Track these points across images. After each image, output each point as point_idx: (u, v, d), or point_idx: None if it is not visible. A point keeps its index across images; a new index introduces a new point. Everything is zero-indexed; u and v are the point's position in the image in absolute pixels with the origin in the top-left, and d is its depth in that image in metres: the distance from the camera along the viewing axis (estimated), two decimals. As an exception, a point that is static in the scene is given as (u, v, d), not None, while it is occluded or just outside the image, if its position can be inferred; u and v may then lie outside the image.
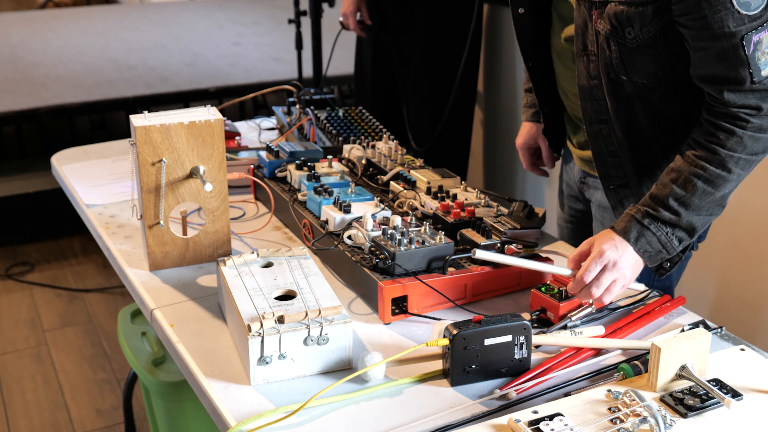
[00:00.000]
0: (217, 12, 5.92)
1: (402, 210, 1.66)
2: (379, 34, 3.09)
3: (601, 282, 1.36)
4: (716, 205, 1.42)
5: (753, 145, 1.38)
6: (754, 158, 1.40)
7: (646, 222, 1.40)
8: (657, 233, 1.40)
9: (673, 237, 1.41)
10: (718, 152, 1.38)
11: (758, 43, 1.34)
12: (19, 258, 3.91)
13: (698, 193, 1.40)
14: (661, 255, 1.42)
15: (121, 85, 4.26)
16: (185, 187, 1.55)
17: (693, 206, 1.40)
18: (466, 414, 1.17)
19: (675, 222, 1.41)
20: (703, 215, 1.42)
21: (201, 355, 1.32)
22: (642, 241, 1.40)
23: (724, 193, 1.41)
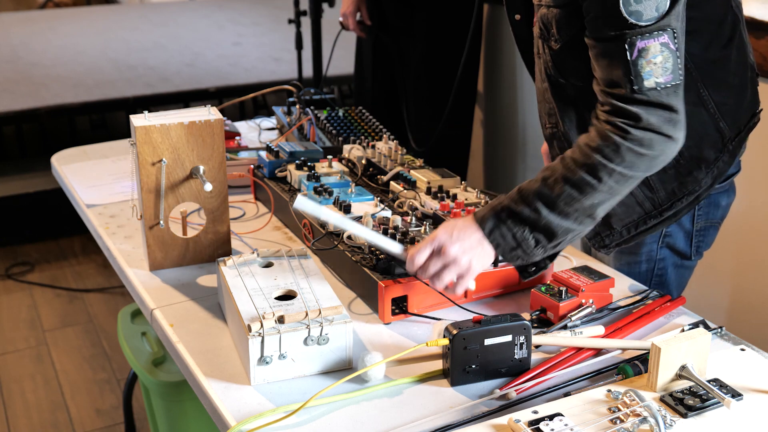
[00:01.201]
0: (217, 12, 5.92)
1: (402, 210, 1.66)
2: (379, 34, 3.09)
3: (428, 268, 1.34)
4: (584, 215, 1.34)
5: (632, 159, 1.30)
6: (631, 174, 1.32)
7: (503, 216, 1.35)
8: (513, 229, 1.34)
9: (529, 236, 1.34)
10: (592, 158, 1.31)
11: (643, 50, 1.29)
12: (19, 258, 3.91)
13: (564, 197, 1.32)
14: (515, 252, 1.36)
15: (121, 85, 4.26)
16: (185, 187, 1.55)
17: (557, 209, 1.33)
18: (466, 414, 1.17)
19: (534, 221, 1.34)
20: (569, 222, 1.34)
21: (201, 355, 1.32)
22: (496, 234, 1.35)
23: (592, 203, 1.33)
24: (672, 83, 1.30)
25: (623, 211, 1.55)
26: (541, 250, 1.36)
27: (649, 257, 1.64)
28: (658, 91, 1.29)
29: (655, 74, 1.29)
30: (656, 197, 1.54)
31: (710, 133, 1.48)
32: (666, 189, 1.53)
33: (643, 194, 1.53)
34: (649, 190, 1.53)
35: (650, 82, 1.29)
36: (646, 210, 1.55)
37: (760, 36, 2.26)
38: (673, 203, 1.54)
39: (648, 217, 1.55)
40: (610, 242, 1.60)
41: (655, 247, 1.63)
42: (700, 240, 1.64)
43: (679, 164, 1.50)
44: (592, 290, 1.40)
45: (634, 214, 1.56)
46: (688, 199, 1.53)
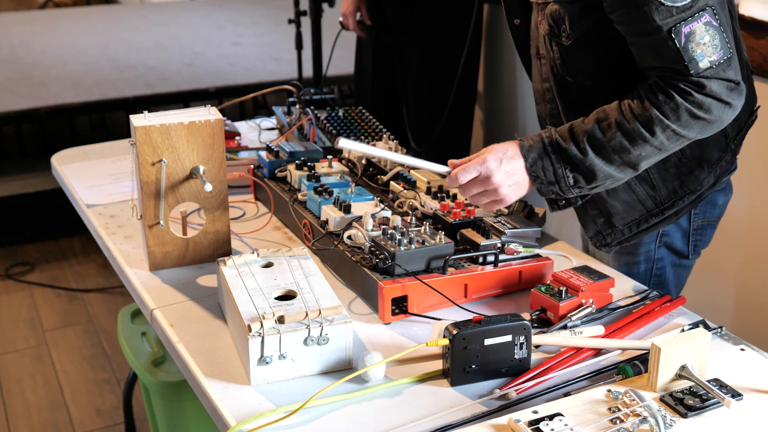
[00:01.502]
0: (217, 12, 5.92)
1: (402, 210, 1.66)
2: (379, 34, 3.09)
3: (470, 189, 1.40)
4: (628, 164, 1.38)
5: (687, 120, 1.34)
6: (684, 134, 1.36)
7: (549, 149, 1.38)
8: (555, 165, 1.38)
9: (569, 175, 1.39)
10: (650, 111, 1.35)
11: (690, 34, 1.31)
12: (19, 258, 3.91)
13: (614, 143, 1.36)
14: (552, 188, 1.40)
15: (121, 85, 4.26)
16: (185, 187, 1.55)
17: (604, 154, 1.37)
18: (466, 414, 1.17)
19: (578, 161, 1.37)
20: (612, 168, 1.38)
21: (201, 355, 1.32)
22: (537, 166, 1.39)
23: (640, 153, 1.36)
24: (724, 58, 1.33)
25: (625, 209, 1.56)
26: (577, 190, 1.40)
27: (647, 257, 1.65)
28: (714, 69, 1.33)
29: (707, 54, 1.32)
30: (658, 195, 1.54)
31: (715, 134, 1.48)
32: (668, 187, 1.54)
33: (645, 192, 1.54)
34: (651, 188, 1.54)
35: (704, 63, 1.32)
36: (648, 208, 1.56)
37: (760, 36, 2.26)
38: (675, 202, 1.55)
39: (650, 215, 1.56)
40: (612, 240, 1.61)
41: (653, 246, 1.64)
42: (698, 239, 1.65)
43: (681, 163, 1.51)
44: (592, 290, 1.40)
45: (635, 213, 1.57)
46: (689, 198, 1.55)
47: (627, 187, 1.55)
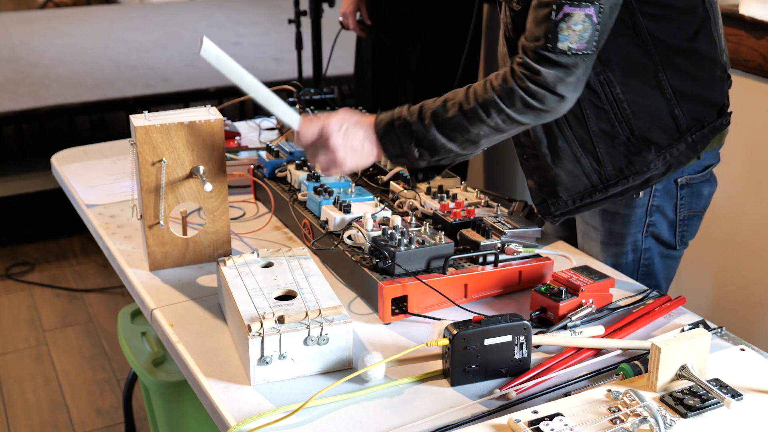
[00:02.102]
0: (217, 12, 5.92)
1: (402, 210, 1.66)
2: (379, 34, 3.09)
3: (309, 146, 1.48)
4: (469, 142, 1.44)
5: (522, 107, 1.39)
6: (518, 119, 1.41)
7: (396, 124, 1.46)
8: (401, 138, 1.46)
9: (414, 149, 1.46)
10: (489, 94, 1.41)
11: (567, 15, 1.36)
12: (19, 258, 3.91)
13: (454, 121, 1.43)
14: (401, 160, 1.48)
15: (121, 85, 4.26)
16: (185, 187, 1.55)
17: (446, 130, 1.43)
18: (466, 414, 1.17)
19: (422, 135, 1.44)
20: (453, 144, 1.44)
21: (201, 355, 1.32)
22: (386, 139, 1.47)
23: (478, 133, 1.43)
24: (583, 52, 1.38)
25: (570, 180, 1.61)
26: (424, 162, 1.48)
27: (634, 247, 1.66)
28: (567, 55, 1.37)
29: (570, 39, 1.37)
30: (604, 171, 1.58)
31: (663, 118, 1.53)
32: (614, 165, 1.57)
33: (590, 166, 1.58)
34: (597, 162, 1.57)
35: (563, 45, 1.37)
36: (592, 182, 1.60)
37: (760, 36, 2.26)
38: (620, 180, 1.58)
39: (594, 190, 1.60)
40: (556, 210, 1.65)
41: (640, 236, 1.65)
42: (684, 229, 1.67)
43: (630, 142, 1.54)
44: (592, 290, 1.40)
45: (580, 186, 1.61)
46: (636, 180, 1.57)
47: (573, 158, 1.59)
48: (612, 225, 1.66)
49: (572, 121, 1.56)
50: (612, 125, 1.54)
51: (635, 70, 1.50)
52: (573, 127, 1.56)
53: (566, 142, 1.58)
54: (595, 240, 1.69)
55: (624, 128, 1.54)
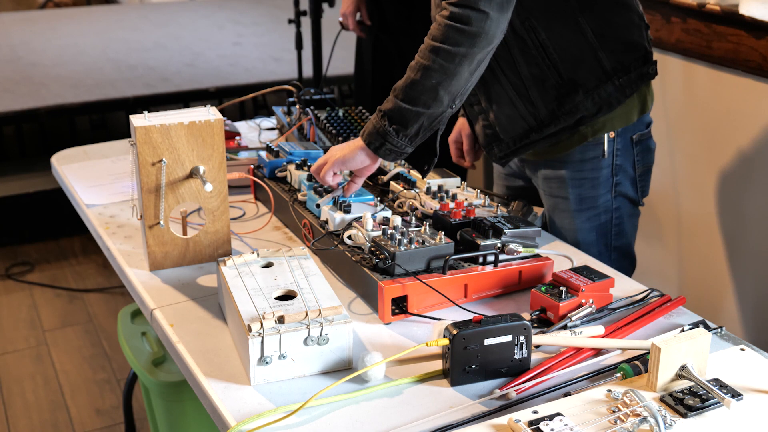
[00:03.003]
0: (217, 12, 5.92)
1: (402, 210, 1.66)
2: (379, 34, 3.09)
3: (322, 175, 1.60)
4: (429, 97, 1.49)
5: (454, 36, 1.45)
6: (456, 50, 1.46)
7: (372, 120, 1.54)
8: (377, 125, 1.52)
9: (389, 128, 1.51)
10: (426, 42, 1.48)
11: None
12: (19, 258, 3.91)
13: (408, 82, 1.49)
14: (386, 147, 1.53)
15: (121, 85, 4.26)
16: (185, 187, 1.55)
17: (405, 95, 1.50)
18: (466, 414, 1.17)
19: (390, 112, 1.51)
20: (418, 107, 1.49)
21: (201, 355, 1.32)
22: (370, 136, 1.54)
23: (432, 83, 1.48)
24: None
25: (508, 123, 1.73)
26: (405, 139, 1.52)
27: (606, 208, 1.79)
28: None
29: None
30: (537, 113, 1.69)
31: (588, 61, 1.65)
32: (546, 107, 1.69)
33: (525, 109, 1.70)
34: (531, 105, 1.69)
35: None
36: (529, 124, 1.71)
37: (760, 36, 2.26)
38: (553, 121, 1.69)
39: (531, 130, 1.72)
40: (500, 151, 1.78)
41: (609, 197, 1.78)
42: (644, 184, 1.81)
43: (559, 85, 1.66)
44: (592, 290, 1.40)
45: (518, 128, 1.72)
46: (568, 120, 1.68)
47: (509, 102, 1.71)
48: (581, 191, 1.76)
49: (505, 68, 1.68)
50: (541, 69, 1.65)
51: (556, 15, 1.62)
52: (507, 73, 1.68)
53: (502, 88, 1.69)
54: (566, 210, 1.78)
55: (552, 72, 1.65)
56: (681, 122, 2.58)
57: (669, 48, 2.55)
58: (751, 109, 2.35)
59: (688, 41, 2.49)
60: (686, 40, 2.49)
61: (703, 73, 2.48)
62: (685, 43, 2.50)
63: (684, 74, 2.55)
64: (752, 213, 2.41)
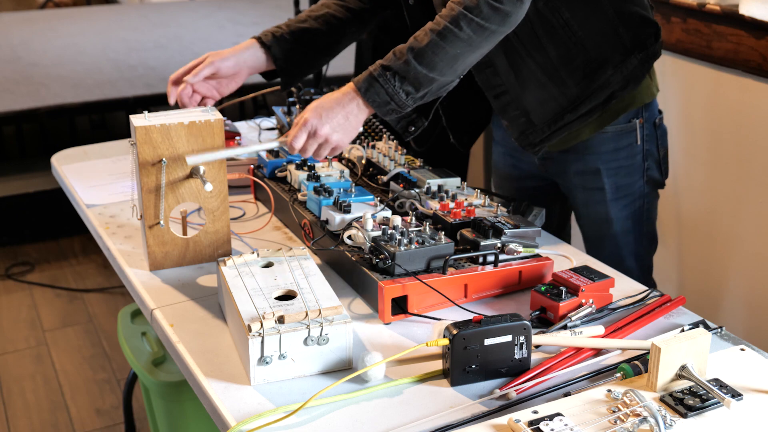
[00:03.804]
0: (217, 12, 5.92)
1: (402, 210, 1.66)
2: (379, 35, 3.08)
3: (307, 149, 1.57)
4: (448, 66, 1.51)
5: (488, 12, 1.48)
6: (487, 26, 1.49)
7: (376, 74, 1.53)
8: (385, 85, 1.53)
9: (400, 90, 1.52)
10: (455, 10, 1.49)
11: None
12: (19, 258, 3.91)
13: (431, 45, 1.50)
14: (390, 107, 1.54)
15: (121, 85, 4.26)
16: (185, 187, 1.55)
17: (425, 59, 1.50)
18: (466, 414, 1.17)
19: (404, 72, 1.51)
20: (434, 73, 1.51)
21: (201, 355, 1.32)
22: (371, 92, 1.54)
23: (455, 53, 1.50)
24: None
25: (540, 107, 1.75)
26: (411, 101, 1.54)
27: (640, 194, 1.85)
28: None
29: None
30: (569, 93, 1.72)
31: (609, 36, 1.69)
32: (577, 85, 1.72)
33: (557, 89, 1.73)
34: (562, 85, 1.72)
35: None
36: (561, 105, 1.74)
37: (760, 36, 2.26)
38: (586, 99, 1.72)
39: (564, 111, 1.74)
40: (534, 138, 1.78)
41: (642, 182, 1.85)
42: (665, 166, 1.88)
43: (586, 62, 1.70)
44: (592, 290, 1.40)
45: (550, 111, 1.75)
46: (599, 96, 1.72)
47: (539, 84, 1.73)
48: (617, 179, 1.82)
49: (532, 51, 1.70)
50: (568, 48, 1.68)
51: None
52: (534, 55, 1.70)
53: (531, 72, 1.71)
54: (601, 201, 1.83)
55: (579, 49, 1.69)
56: (681, 122, 2.58)
57: (669, 48, 2.55)
58: (751, 109, 2.35)
59: (688, 41, 2.49)
60: (686, 40, 2.49)
61: (703, 73, 2.48)
62: (685, 43, 2.50)
63: (684, 74, 2.55)
64: (752, 213, 2.40)
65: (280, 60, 1.84)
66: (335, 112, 1.55)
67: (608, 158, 1.81)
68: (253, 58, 1.85)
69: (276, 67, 1.86)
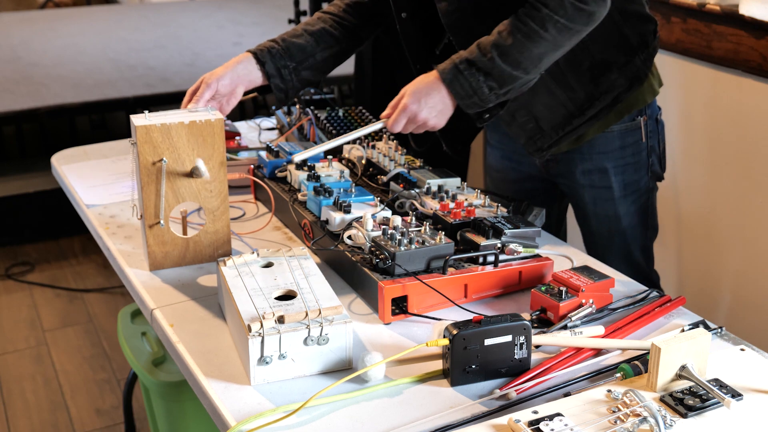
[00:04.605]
0: (217, 12, 5.92)
1: (402, 210, 1.66)
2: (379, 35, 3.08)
3: (407, 129, 1.65)
4: (533, 64, 1.56)
5: (573, 12, 1.52)
6: (572, 26, 1.54)
7: (461, 67, 1.57)
8: (469, 79, 1.57)
9: (483, 85, 1.57)
10: (541, 10, 1.53)
11: None
12: (19, 258, 3.91)
13: (516, 45, 1.54)
14: (472, 100, 1.59)
15: (121, 85, 4.26)
16: (185, 186, 1.55)
17: (509, 58, 1.55)
18: (466, 414, 1.17)
19: (488, 69, 1.56)
20: (518, 71, 1.56)
21: (201, 355, 1.32)
22: (455, 84, 1.58)
23: (540, 51, 1.55)
24: None
25: (549, 112, 1.77)
26: (494, 96, 1.59)
27: (646, 189, 1.88)
28: None
29: None
30: (577, 97, 1.74)
31: (614, 38, 1.71)
32: (584, 90, 1.74)
33: (564, 95, 1.75)
34: (570, 90, 1.74)
35: None
36: (569, 110, 1.76)
37: (760, 36, 2.26)
38: (593, 103, 1.75)
39: (572, 116, 1.76)
40: (543, 144, 1.81)
41: (647, 178, 1.87)
42: (665, 160, 1.90)
43: (593, 66, 1.72)
44: (592, 290, 1.40)
45: (559, 116, 1.77)
46: (606, 99, 1.74)
47: (547, 90, 1.74)
48: (624, 177, 1.84)
49: None
50: (575, 53, 1.67)
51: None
52: None
53: (540, 77, 1.69)
54: (609, 199, 1.85)
55: (586, 54, 1.70)
56: (681, 122, 2.58)
57: (669, 48, 2.55)
58: (751, 109, 2.35)
59: (688, 41, 2.49)
60: (686, 40, 2.49)
61: (703, 73, 2.48)
62: (685, 43, 2.50)
63: (684, 74, 2.55)
64: (751, 213, 2.40)
65: (275, 78, 1.84)
66: (432, 96, 1.60)
67: (615, 156, 1.82)
68: (247, 72, 1.84)
69: (270, 84, 1.85)
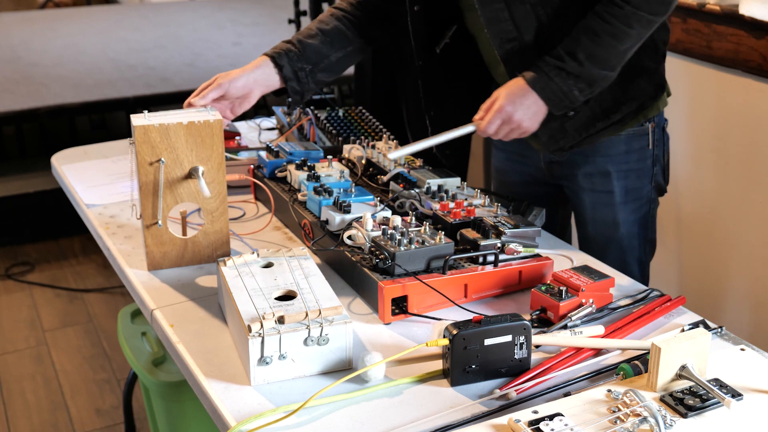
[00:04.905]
0: (217, 12, 5.92)
1: (402, 210, 1.66)
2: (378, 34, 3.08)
3: (498, 133, 1.65)
4: (618, 61, 1.60)
5: (656, 5, 1.56)
6: (654, 18, 1.57)
7: (552, 74, 1.60)
8: (560, 84, 1.60)
9: (574, 88, 1.60)
10: (624, 8, 1.55)
11: None
12: (19, 258, 3.91)
13: (605, 46, 1.57)
14: (564, 103, 1.62)
15: (121, 85, 4.26)
16: (184, 187, 1.55)
17: (598, 59, 1.58)
18: (466, 414, 1.17)
19: (578, 72, 1.59)
20: (606, 70, 1.60)
21: (201, 356, 1.32)
22: (547, 91, 1.61)
23: (626, 47, 1.58)
24: None
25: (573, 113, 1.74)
26: (583, 96, 1.63)
27: (647, 199, 1.86)
28: None
29: None
30: (603, 101, 1.73)
31: (647, 43, 1.68)
32: (612, 94, 1.73)
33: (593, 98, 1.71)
34: (599, 93, 1.71)
35: None
36: (594, 113, 1.74)
37: (760, 36, 2.26)
38: (620, 107, 1.75)
39: (596, 119, 1.75)
40: (565, 144, 1.79)
41: (650, 187, 1.85)
42: (668, 172, 1.89)
43: (624, 72, 1.68)
44: (592, 290, 1.40)
45: (583, 117, 1.74)
46: (631, 105, 1.75)
47: None
48: (627, 182, 1.82)
49: None
50: None
51: None
52: None
53: None
54: (609, 204, 1.83)
55: None
56: (681, 122, 2.58)
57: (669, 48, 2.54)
58: (751, 109, 2.35)
59: (688, 41, 2.49)
60: (686, 40, 2.49)
61: (703, 73, 2.48)
62: (685, 43, 2.50)
63: (684, 74, 2.54)
64: (752, 212, 2.40)
65: (292, 81, 1.81)
66: (527, 99, 1.61)
67: (619, 161, 1.80)
68: (265, 77, 1.80)
69: (287, 87, 1.83)
